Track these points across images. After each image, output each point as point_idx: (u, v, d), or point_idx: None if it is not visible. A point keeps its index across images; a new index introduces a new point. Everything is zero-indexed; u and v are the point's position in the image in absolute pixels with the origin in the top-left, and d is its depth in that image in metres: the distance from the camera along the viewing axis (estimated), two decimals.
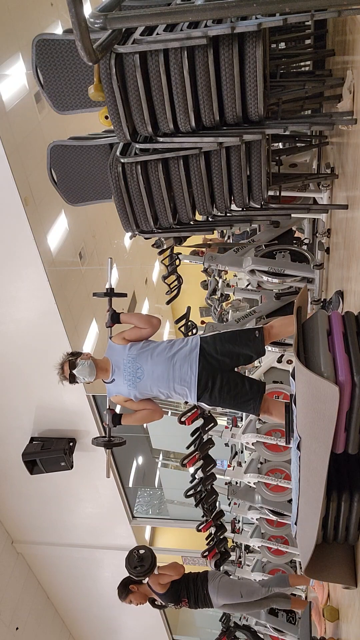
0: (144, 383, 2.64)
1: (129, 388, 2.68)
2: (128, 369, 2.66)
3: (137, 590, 3.71)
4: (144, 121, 2.15)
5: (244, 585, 4.04)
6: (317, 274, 3.36)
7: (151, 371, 2.61)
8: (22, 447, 7.28)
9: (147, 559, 3.61)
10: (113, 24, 1.59)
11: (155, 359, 2.62)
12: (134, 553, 3.62)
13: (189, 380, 2.57)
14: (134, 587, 3.71)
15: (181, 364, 2.58)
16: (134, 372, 2.65)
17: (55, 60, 2.27)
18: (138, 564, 3.58)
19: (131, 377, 2.65)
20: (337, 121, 2.33)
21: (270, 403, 2.67)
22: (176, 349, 2.62)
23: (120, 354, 2.70)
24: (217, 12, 1.54)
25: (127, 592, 3.69)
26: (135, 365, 2.64)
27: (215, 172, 2.41)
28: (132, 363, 2.65)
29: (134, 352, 2.67)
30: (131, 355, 2.66)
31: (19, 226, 5.77)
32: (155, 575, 3.66)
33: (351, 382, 1.27)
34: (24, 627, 8.70)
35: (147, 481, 10.63)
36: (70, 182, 2.79)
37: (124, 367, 2.67)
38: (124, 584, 3.72)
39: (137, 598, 3.71)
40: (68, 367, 2.68)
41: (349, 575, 1.76)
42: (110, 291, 3.01)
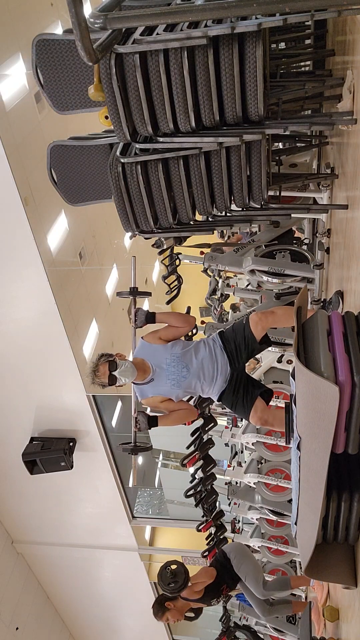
0: (190, 381, 2.64)
1: (173, 387, 2.65)
2: (173, 368, 2.62)
3: (174, 606, 3.57)
4: (144, 121, 2.15)
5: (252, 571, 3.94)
6: (317, 274, 3.36)
7: (198, 369, 2.63)
8: (22, 447, 7.28)
9: (180, 574, 3.50)
10: (113, 24, 1.59)
11: (200, 358, 2.64)
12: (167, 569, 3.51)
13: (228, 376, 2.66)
14: (170, 605, 3.56)
15: (222, 362, 2.65)
16: (179, 372, 2.63)
17: (55, 60, 2.27)
18: (172, 581, 3.47)
19: (176, 377, 2.63)
20: (337, 121, 2.33)
21: (270, 414, 2.68)
22: (213, 348, 2.68)
23: (162, 354, 2.65)
24: (217, 12, 1.54)
25: (164, 610, 3.55)
26: (181, 365, 2.62)
27: (215, 172, 2.41)
28: (177, 362, 2.63)
29: (178, 351, 2.65)
30: (175, 355, 2.64)
31: (19, 226, 5.77)
32: (189, 587, 3.56)
33: (351, 382, 1.27)
34: (24, 627, 8.70)
35: (147, 481, 10.63)
36: (70, 182, 2.79)
37: (167, 367, 2.63)
38: (159, 602, 3.60)
39: (175, 615, 3.58)
40: (107, 369, 2.56)
41: (349, 575, 1.76)
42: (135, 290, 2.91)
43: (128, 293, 2.90)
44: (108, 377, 2.55)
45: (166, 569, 3.52)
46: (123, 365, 2.57)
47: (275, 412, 2.71)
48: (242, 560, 3.89)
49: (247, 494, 4.57)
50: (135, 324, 2.74)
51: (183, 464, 3.88)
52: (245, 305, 5.21)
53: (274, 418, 2.68)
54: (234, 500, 4.78)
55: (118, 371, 2.55)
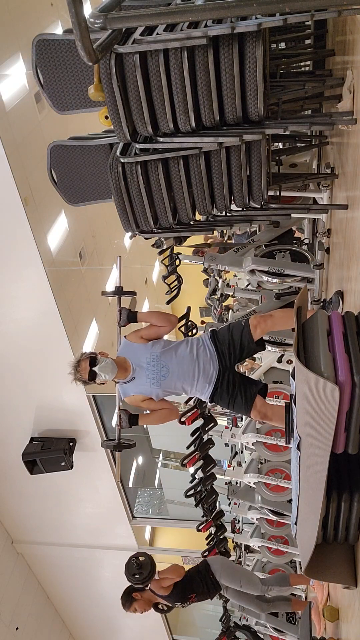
0: (169, 381, 2.65)
1: (152, 386, 2.66)
2: (152, 367, 2.64)
3: (141, 597, 3.63)
4: (144, 121, 2.15)
5: (244, 575, 3.99)
6: (317, 274, 3.36)
7: (177, 369, 2.63)
8: (22, 447, 7.28)
9: (146, 565, 3.55)
10: (113, 24, 1.59)
11: (180, 357, 2.64)
12: (133, 561, 3.57)
13: (212, 376, 2.65)
14: (137, 595, 3.63)
15: (204, 362, 2.64)
16: (158, 371, 2.64)
17: (55, 60, 2.27)
18: (137, 572, 3.52)
19: (155, 376, 2.64)
20: (337, 121, 2.33)
21: (269, 409, 2.68)
22: (196, 347, 2.68)
23: (142, 353, 2.68)
24: (217, 12, 1.54)
25: (131, 600, 3.62)
26: (160, 364, 2.64)
27: (215, 172, 2.41)
28: (156, 361, 2.64)
29: (158, 350, 2.66)
30: (155, 354, 2.65)
31: (19, 226, 5.77)
32: (157, 580, 3.61)
33: (351, 382, 1.27)
34: (24, 627, 8.70)
35: (147, 481, 10.63)
36: (70, 182, 2.79)
37: (147, 366, 2.65)
38: (126, 592, 3.65)
39: (142, 605, 3.64)
40: (87, 364, 2.61)
41: (349, 575, 1.76)
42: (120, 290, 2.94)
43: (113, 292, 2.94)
44: (88, 373, 2.59)
45: (132, 560, 3.57)
46: (103, 361, 2.61)
47: (274, 406, 2.72)
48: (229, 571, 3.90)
49: (247, 494, 4.57)
50: (119, 323, 2.79)
51: (183, 464, 3.88)
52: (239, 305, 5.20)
53: (273, 413, 2.68)
54: (234, 500, 4.78)
55: (98, 367, 2.59)
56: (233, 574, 3.90)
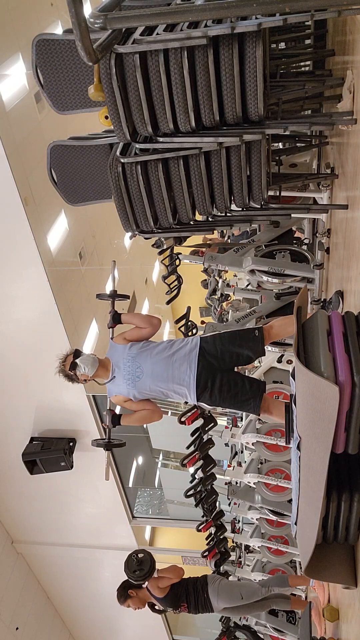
0: (143, 382, 2.64)
1: (128, 387, 2.68)
2: (127, 368, 2.66)
3: (136, 595, 3.67)
4: (144, 121, 2.15)
5: (243, 587, 4.03)
6: (317, 274, 3.36)
7: (150, 370, 2.61)
8: (22, 447, 7.28)
9: (146, 562, 3.57)
10: (113, 24, 1.59)
11: (154, 358, 2.62)
12: (133, 557, 3.59)
13: (188, 380, 2.57)
14: (132, 592, 3.66)
15: (180, 364, 2.57)
16: (133, 372, 2.65)
17: (55, 60, 2.27)
18: (137, 568, 3.54)
19: (130, 377, 2.66)
20: (337, 121, 2.33)
21: (270, 402, 2.67)
22: (175, 348, 2.63)
23: (121, 353, 2.71)
24: (217, 12, 1.53)
25: (126, 596, 3.65)
26: (135, 365, 2.65)
27: (215, 172, 2.41)
28: (131, 362, 2.66)
29: (134, 351, 2.68)
30: (131, 355, 2.67)
31: (19, 226, 5.77)
32: (155, 579, 3.63)
33: (351, 382, 1.27)
34: (24, 627, 8.70)
35: (147, 481, 10.63)
36: (70, 182, 2.79)
37: (123, 366, 2.68)
38: (123, 587, 3.69)
39: (136, 603, 3.67)
40: (72, 357, 2.72)
41: (349, 575, 1.76)
42: (114, 293, 3.04)
43: (108, 295, 3.04)
44: (70, 364, 2.70)
45: (132, 556, 3.60)
46: (86, 355, 2.73)
47: (274, 400, 2.70)
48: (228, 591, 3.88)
49: (247, 494, 4.57)
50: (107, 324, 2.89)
51: (183, 464, 3.88)
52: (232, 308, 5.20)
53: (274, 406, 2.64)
54: (234, 500, 4.78)
55: (79, 359, 2.70)
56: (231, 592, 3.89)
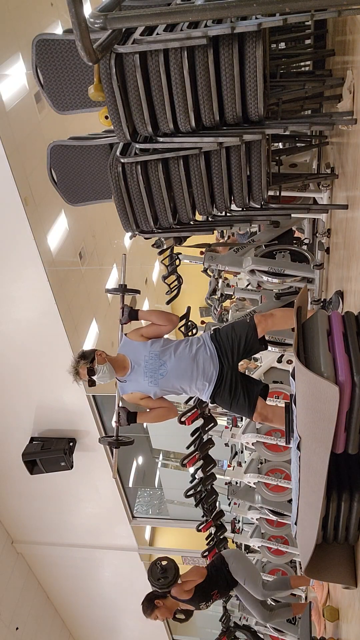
0: (167, 379, 2.64)
1: (150, 385, 2.66)
2: (150, 365, 2.64)
3: (163, 604, 3.55)
4: (144, 121, 2.15)
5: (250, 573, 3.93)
6: (317, 274, 3.36)
7: (175, 367, 2.62)
8: (22, 447, 7.28)
9: (170, 570, 3.49)
10: (113, 24, 1.59)
11: (178, 356, 2.63)
12: (157, 565, 3.50)
13: (211, 376, 2.63)
14: (159, 602, 3.53)
15: (204, 361, 2.62)
16: (156, 369, 2.63)
17: (55, 60, 2.27)
18: (161, 576, 3.46)
19: (153, 374, 2.64)
20: (337, 121, 2.33)
21: (270, 410, 2.68)
22: (196, 347, 2.67)
23: (141, 351, 2.67)
24: (217, 12, 1.53)
25: (153, 607, 3.52)
26: (159, 362, 2.63)
27: (215, 172, 2.41)
28: (155, 360, 2.64)
29: (157, 348, 2.66)
30: (154, 352, 2.65)
31: (19, 226, 5.77)
32: (179, 585, 3.54)
33: (351, 382, 1.27)
34: (24, 627, 8.70)
35: (147, 481, 10.63)
36: (70, 182, 2.79)
37: (145, 364, 2.64)
38: (148, 599, 3.57)
39: (164, 613, 3.55)
40: (86, 374, 2.63)
41: (349, 575, 1.76)
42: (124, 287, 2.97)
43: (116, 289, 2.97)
44: (88, 382, 2.63)
45: (156, 564, 3.53)
46: (101, 371, 2.63)
47: (275, 408, 2.71)
48: (240, 563, 3.88)
49: (247, 494, 4.57)
50: (121, 320, 2.80)
51: (183, 464, 3.88)
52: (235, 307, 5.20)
53: (274, 414, 2.67)
54: (234, 500, 4.78)
55: (96, 376, 2.63)
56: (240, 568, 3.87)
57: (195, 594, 3.61)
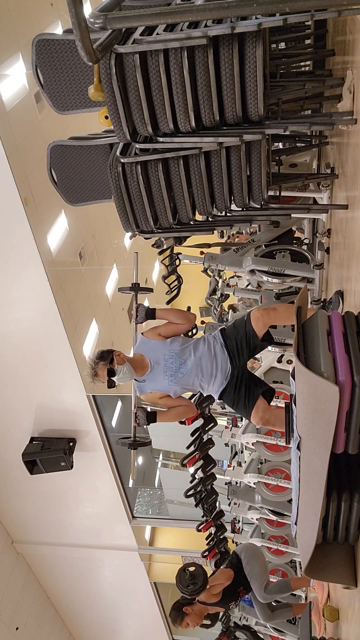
0: (187, 378, 2.63)
1: (170, 384, 2.65)
2: (170, 364, 2.62)
3: (192, 611, 3.51)
4: (144, 121, 2.15)
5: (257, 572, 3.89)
6: (317, 274, 3.36)
7: (196, 365, 2.62)
8: (22, 447, 7.28)
9: (199, 576, 3.44)
10: (113, 24, 1.59)
11: (199, 354, 2.63)
12: (185, 571, 3.46)
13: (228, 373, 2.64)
14: (187, 609, 3.49)
15: (222, 359, 2.63)
16: (177, 368, 2.62)
17: (55, 60, 2.27)
18: (190, 582, 3.41)
19: (174, 372, 2.62)
20: (337, 121, 2.33)
21: (272, 415, 2.67)
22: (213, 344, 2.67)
23: (161, 350, 2.66)
24: (217, 12, 1.53)
25: (182, 615, 3.48)
26: (179, 361, 2.62)
27: (215, 172, 2.41)
28: (175, 358, 2.62)
29: (177, 347, 2.65)
30: (174, 351, 2.64)
31: (19, 226, 5.77)
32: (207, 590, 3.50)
33: (351, 382, 1.27)
34: (24, 627, 8.70)
35: (147, 481, 10.63)
36: (70, 182, 2.79)
37: (164, 363, 2.63)
38: (176, 608, 3.52)
39: (194, 620, 3.51)
40: (106, 374, 2.57)
41: (349, 575, 1.76)
42: (137, 286, 2.95)
43: (130, 289, 2.93)
44: (108, 382, 2.59)
45: (185, 571, 3.47)
46: (121, 371, 2.58)
47: (276, 412, 2.71)
48: (250, 560, 3.87)
49: (247, 494, 4.57)
50: (136, 319, 2.77)
51: (183, 464, 3.88)
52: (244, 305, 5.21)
53: (276, 418, 2.67)
54: (234, 500, 4.78)
55: (117, 377, 2.58)
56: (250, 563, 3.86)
57: (224, 595, 3.61)
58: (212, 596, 3.55)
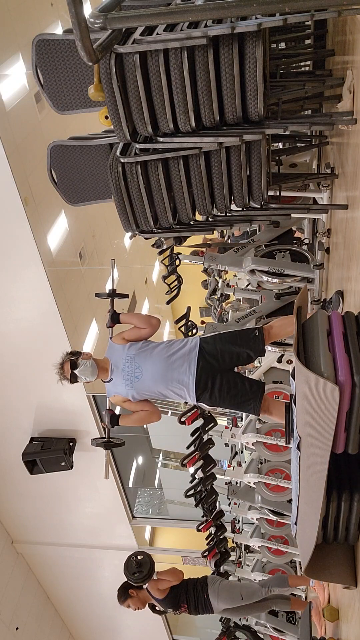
0: (142, 383, 2.63)
1: (127, 388, 2.67)
2: (126, 368, 2.65)
3: (136, 595, 3.71)
4: (144, 121, 2.15)
5: (243, 587, 4.04)
6: (317, 274, 3.36)
7: (149, 371, 2.60)
8: (22, 447, 7.28)
9: (145, 564, 3.62)
10: (113, 24, 1.59)
11: (153, 359, 2.60)
12: (132, 559, 3.63)
13: (187, 381, 2.56)
14: (133, 592, 3.71)
15: (180, 364, 2.56)
16: (132, 372, 2.64)
17: (55, 60, 2.27)
18: (136, 570, 3.59)
19: (129, 377, 2.64)
20: (337, 121, 2.33)
21: (271, 403, 2.67)
22: (175, 349, 2.61)
23: (119, 354, 2.70)
24: (217, 12, 1.53)
25: (126, 596, 3.69)
26: (134, 365, 2.63)
27: (215, 172, 2.41)
28: (130, 363, 2.64)
29: (133, 351, 2.67)
30: (130, 355, 2.66)
31: (19, 226, 5.77)
32: (154, 581, 3.67)
33: (351, 382, 1.27)
34: (24, 627, 8.70)
35: (147, 481, 10.63)
36: (70, 182, 2.79)
37: (122, 367, 2.66)
38: (123, 587, 3.73)
39: (136, 603, 3.71)
40: (69, 367, 2.67)
41: (349, 575, 1.76)
42: (113, 292, 3.03)
43: (107, 295, 3.03)
44: (70, 375, 2.67)
45: (132, 558, 3.64)
46: (83, 364, 2.67)
47: (274, 401, 2.70)
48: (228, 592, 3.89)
49: (247, 494, 4.57)
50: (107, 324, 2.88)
51: (183, 464, 3.88)
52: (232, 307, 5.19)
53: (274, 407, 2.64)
54: (234, 500, 4.78)
55: (78, 370, 2.66)
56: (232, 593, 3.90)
57: (168, 596, 3.71)
58: (157, 590, 3.68)
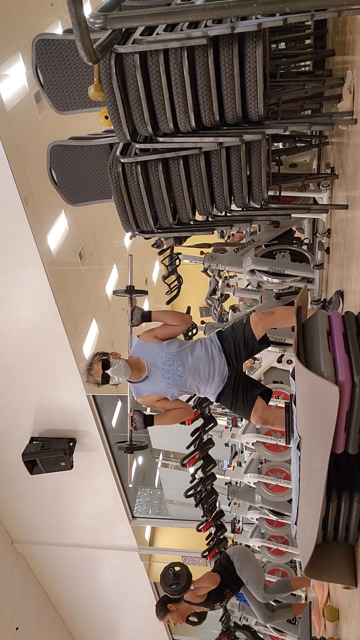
0: (185, 380, 2.63)
1: (168, 386, 2.63)
2: (167, 367, 2.61)
3: (176, 609, 3.54)
4: (144, 121, 2.15)
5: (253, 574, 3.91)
6: (317, 274, 3.36)
7: (193, 368, 2.61)
8: (22, 447, 7.28)
9: (182, 576, 3.47)
10: (113, 24, 1.59)
11: (196, 357, 2.63)
12: (169, 570, 3.49)
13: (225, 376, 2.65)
14: (172, 607, 3.53)
15: (219, 361, 2.64)
16: (174, 370, 2.61)
17: (55, 60, 2.27)
18: (173, 582, 3.45)
19: (171, 375, 2.62)
20: (337, 121, 2.34)
21: (271, 414, 2.68)
22: (210, 347, 2.68)
23: (158, 352, 2.64)
24: (217, 12, 1.53)
25: (166, 611, 3.53)
26: (177, 363, 2.61)
27: (215, 172, 2.41)
28: (172, 361, 2.62)
29: (174, 349, 2.64)
30: (171, 353, 2.63)
31: (19, 226, 5.77)
32: (192, 590, 3.54)
33: (351, 382, 1.27)
34: (24, 627, 8.70)
35: (147, 481, 10.63)
36: (70, 182, 2.79)
37: (162, 365, 2.62)
38: (162, 602, 3.58)
39: (176, 618, 3.55)
40: (100, 367, 2.54)
41: (349, 575, 1.76)
42: (131, 289, 2.92)
43: (124, 291, 2.91)
44: (101, 376, 2.54)
45: (169, 570, 3.49)
46: (116, 364, 2.55)
47: (275, 411, 2.71)
48: (244, 563, 3.87)
49: (247, 494, 4.57)
50: (132, 322, 2.74)
51: (183, 464, 3.88)
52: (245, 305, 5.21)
53: (275, 417, 2.68)
54: (234, 500, 4.78)
55: (111, 370, 2.54)
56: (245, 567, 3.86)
57: (209, 596, 3.62)
58: (197, 597, 3.57)
